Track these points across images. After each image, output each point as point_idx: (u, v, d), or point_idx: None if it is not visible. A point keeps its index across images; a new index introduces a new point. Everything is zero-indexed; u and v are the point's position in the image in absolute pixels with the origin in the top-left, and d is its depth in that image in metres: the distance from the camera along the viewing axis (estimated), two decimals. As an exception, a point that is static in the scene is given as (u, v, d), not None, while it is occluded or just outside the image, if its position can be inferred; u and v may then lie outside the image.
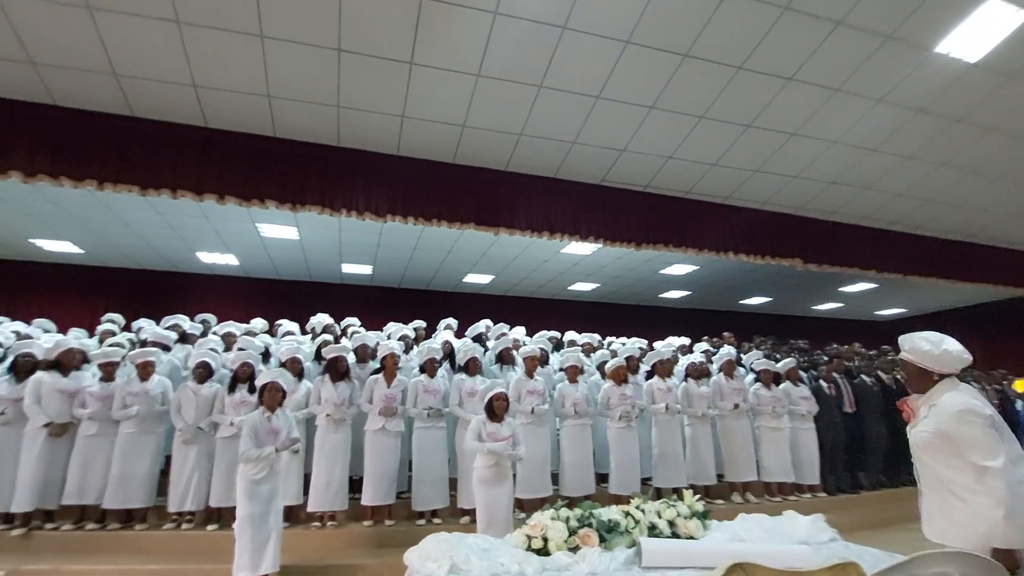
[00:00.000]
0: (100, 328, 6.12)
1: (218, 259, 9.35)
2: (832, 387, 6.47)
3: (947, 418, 2.09)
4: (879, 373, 7.09)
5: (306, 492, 4.65)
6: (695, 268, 9.94)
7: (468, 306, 10.85)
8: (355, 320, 7.05)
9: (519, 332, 6.86)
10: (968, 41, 4.19)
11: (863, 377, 6.85)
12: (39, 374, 4.55)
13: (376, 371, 4.98)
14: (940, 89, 4.76)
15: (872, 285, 11.02)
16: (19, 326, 5.89)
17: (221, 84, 4.43)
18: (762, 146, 5.58)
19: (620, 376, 5.36)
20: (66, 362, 4.66)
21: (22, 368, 4.61)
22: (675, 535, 2.25)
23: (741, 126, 5.23)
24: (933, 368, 2.22)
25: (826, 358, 7.58)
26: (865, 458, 6.60)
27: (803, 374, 6.50)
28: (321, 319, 6.83)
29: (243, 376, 4.69)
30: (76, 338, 5.43)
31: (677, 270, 10.09)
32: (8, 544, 4.21)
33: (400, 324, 6.64)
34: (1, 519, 4.41)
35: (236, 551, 3.53)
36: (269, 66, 4.23)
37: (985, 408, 2.08)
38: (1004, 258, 8.59)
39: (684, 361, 6.15)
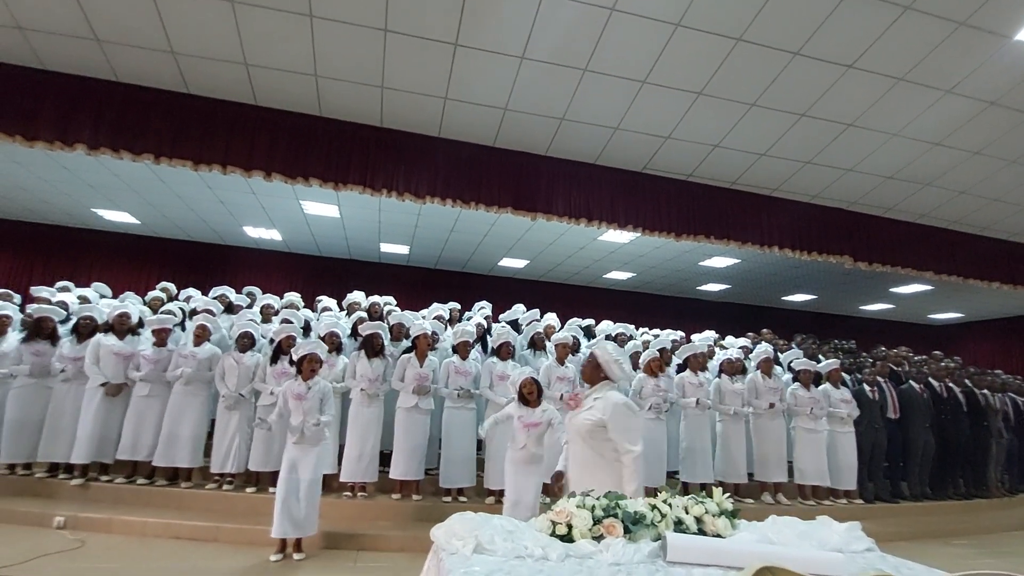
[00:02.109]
0: (150, 295, 6.43)
1: (263, 234, 9.67)
2: (875, 391, 6.22)
3: (611, 408, 2.64)
4: (930, 380, 6.77)
5: (340, 463, 4.81)
6: (736, 261, 9.66)
7: (502, 290, 10.90)
8: (391, 299, 7.18)
9: (551, 318, 6.85)
10: (1054, 28, 3.87)
11: (911, 383, 6.56)
12: (98, 336, 4.84)
13: (407, 350, 5.07)
14: (1016, 80, 4.42)
15: (927, 287, 10.47)
16: (85, 291, 6.26)
17: (271, 63, 4.53)
18: (816, 137, 5.33)
19: (654, 368, 5.30)
20: (117, 326, 4.93)
21: (83, 330, 4.92)
22: (702, 532, 2.21)
23: (794, 115, 5.00)
24: (607, 371, 2.77)
25: (871, 360, 7.30)
26: (909, 467, 6.35)
27: (846, 376, 6.27)
28: (358, 297, 6.98)
29: (287, 348, 4.85)
30: (133, 303, 5.73)
31: (717, 263, 9.83)
32: (68, 493, 4.55)
33: (439, 304, 6.74)
34: (62, 469, 4.75)
35: (275, 512, 3.70)
36: (317, 46, 4.30)
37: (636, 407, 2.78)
38: (1076, 264, 8.01)
39: (720, 356, 6.02)
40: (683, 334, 7.37)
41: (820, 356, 7.33)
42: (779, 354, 6.72)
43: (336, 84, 4.77)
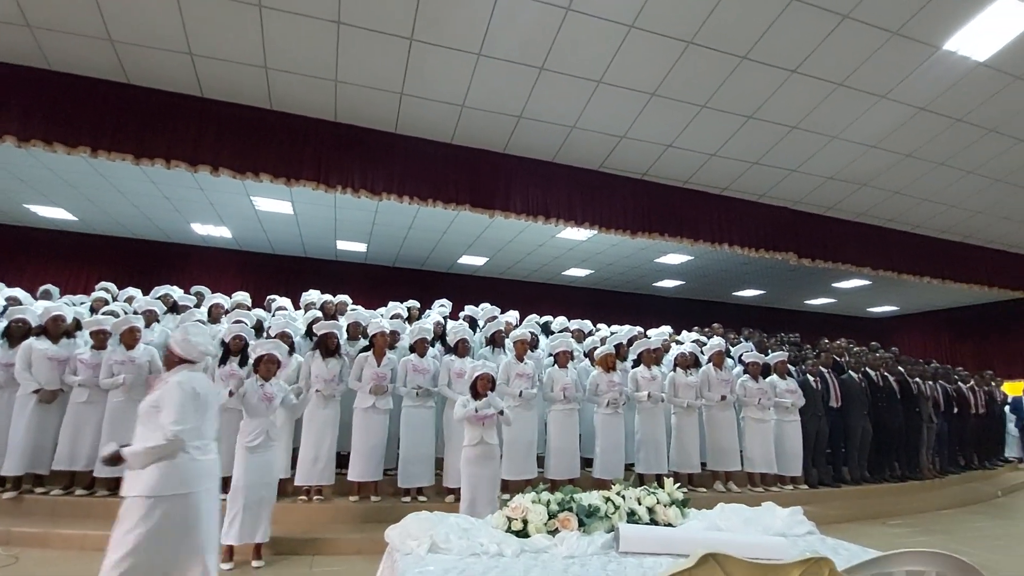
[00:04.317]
0: (93, 296, 6.11)
1: (212, 231, 9.31)
2: (818, 381, 6.53)
3: (166, 387, 2.52)
4: (867, 370, 7.16)
5: (294, 466, 4.69)
6: (689, 258, 9.95)
7: (462, 288, 10.87)
8: (347, 298, 7.05)
9: (511, 316, 6.88)
10: (978, 39, 4.14)
11: (851, 373, 6.92)
12: (30, 340, 4.55)
13: (364, 349, 5.00)
14: (944, 87, 4.73)
15: (866, 282, 11.08)
16: (17, 292, 5.86)
17: (217, 53, 4.36)
18: (762, 138, 5.55)
19: (608, 363, 5.40)
20: (52, 329, 4.65)
21: (15, 334, 4.60)
22: (654, 522, 2.28)
23: (742, 117, 5.19)
24: (183, 352, 2.64)
25: (815, 352, 7.66)
26: (849, 453, 6.70)
27: (791, 368, 6.56)
28: (314, 295, 6.82)
29: (235, 349, 4.69)
30: (69, 304, 5.42)
31: (672, 259, 10.10)
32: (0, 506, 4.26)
33: (396, 303, 6.67)
34: (-8, 482, 4.45)
35: (226, 519, 3.57)
36: (266, 36, 4.16)
37: (201, 390, 2.58)
38: (998, 260, 8.63)
39: (674, 351, 6.19)
40: (640, 329, 7.53)
41: (768, 349, 7.63)
42: (730, 347, 6.96)
43: (287, 77, 4.63)
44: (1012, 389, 11.11)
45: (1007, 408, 10.23)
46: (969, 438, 8.58)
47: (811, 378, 6.50)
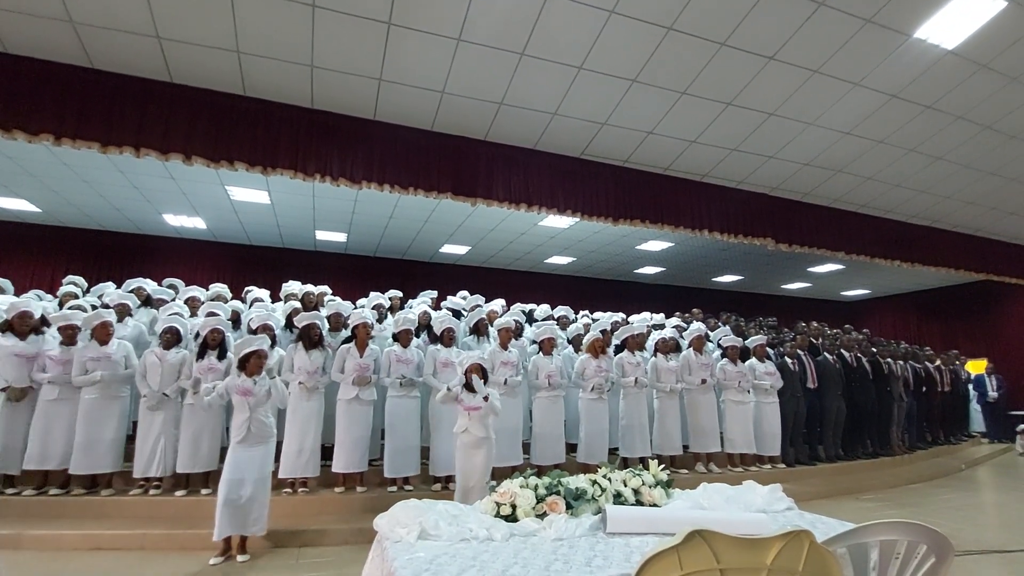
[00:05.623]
0: (61, 291, 5.92)
1: (185, 222, 9.06)
2: (795, 363, 6.69)
3: None
4: (841, 351, 7.35)
5: (278, 459, 4.64)
6: (670, 245, 10.05)
7: (444, 277, 10.81)
8: (327, 289, 6.96)
9: (497, 304, 6.88)
10: (947, 27, 4.22)
11: (826, 355, 7.10)
12: (-6, 337, 4.39)
13: (346, 340, 4.95)
14: (914, 75, 4.82)
15: (839, 266, 11.33)
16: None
17: (187, 37, 4.21)
18: (741, 125, 5.60)
19: (597, 349, 5.44)
20: (18, 325, 4.49)
21: (-24, 331, 4.44)
22: (639, 503, 2.32)
23: (721, 104, 5.22)
24: None
25: (792, 335, 7.82)
26: (824, 432, 6.90)
27: (770, 351, 6.70)
28: (293, 286, 6.71)
29: (213, 343, 4.61)
30: (36, 298, 5.24)
31: (653, 246, 10.18)
32: (-33, 509, 4.13)
33: (378, 293, 6.61)
34: (-40, 483, 4.31)
35: (216, 513, 3.54)
36: (238, 20, 4.03)
37: None
38: (963, 244, 8.90)
39: (655, 336, 6.27)
40: (623, 315, 7.60)
41: (746, 333, 7.77)
42: (710, 332, 7.07)
43: (261, 61, 4.51)
44: (975, 367, 11.55)
45: (970, 386, 10.66)
46: (936, 415, 8.91)
47: (788, 360, 6.65)
